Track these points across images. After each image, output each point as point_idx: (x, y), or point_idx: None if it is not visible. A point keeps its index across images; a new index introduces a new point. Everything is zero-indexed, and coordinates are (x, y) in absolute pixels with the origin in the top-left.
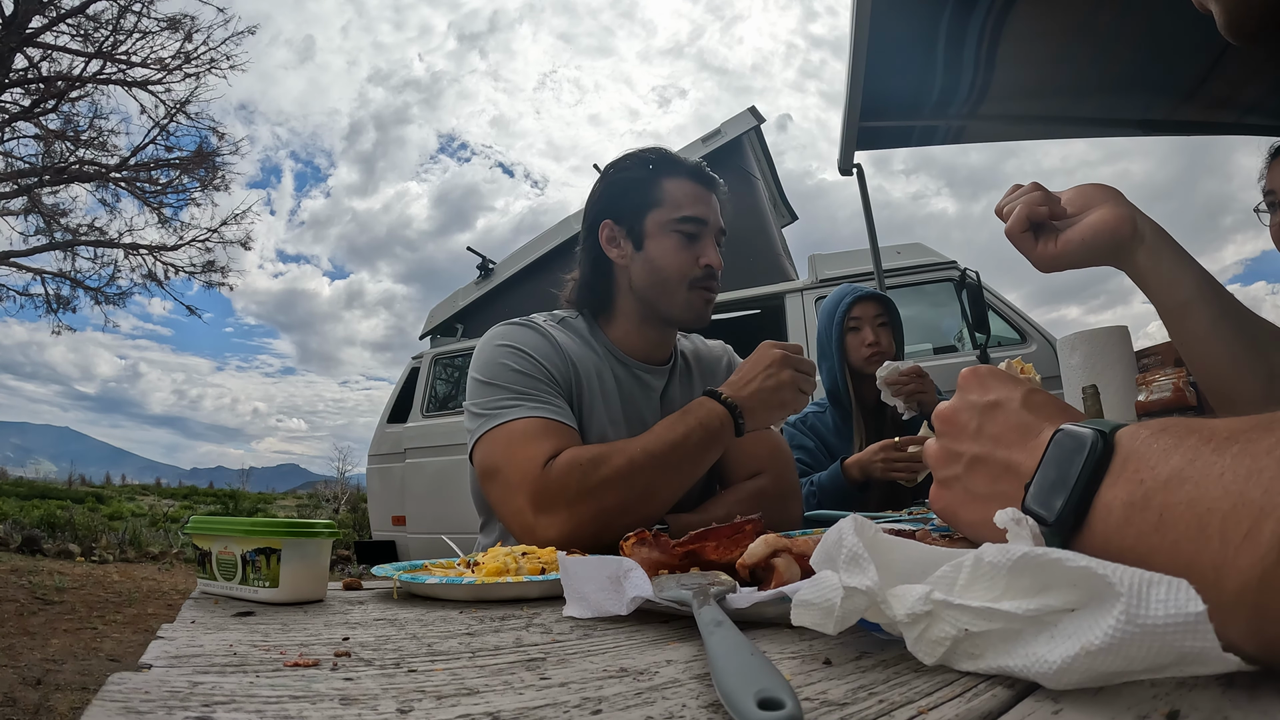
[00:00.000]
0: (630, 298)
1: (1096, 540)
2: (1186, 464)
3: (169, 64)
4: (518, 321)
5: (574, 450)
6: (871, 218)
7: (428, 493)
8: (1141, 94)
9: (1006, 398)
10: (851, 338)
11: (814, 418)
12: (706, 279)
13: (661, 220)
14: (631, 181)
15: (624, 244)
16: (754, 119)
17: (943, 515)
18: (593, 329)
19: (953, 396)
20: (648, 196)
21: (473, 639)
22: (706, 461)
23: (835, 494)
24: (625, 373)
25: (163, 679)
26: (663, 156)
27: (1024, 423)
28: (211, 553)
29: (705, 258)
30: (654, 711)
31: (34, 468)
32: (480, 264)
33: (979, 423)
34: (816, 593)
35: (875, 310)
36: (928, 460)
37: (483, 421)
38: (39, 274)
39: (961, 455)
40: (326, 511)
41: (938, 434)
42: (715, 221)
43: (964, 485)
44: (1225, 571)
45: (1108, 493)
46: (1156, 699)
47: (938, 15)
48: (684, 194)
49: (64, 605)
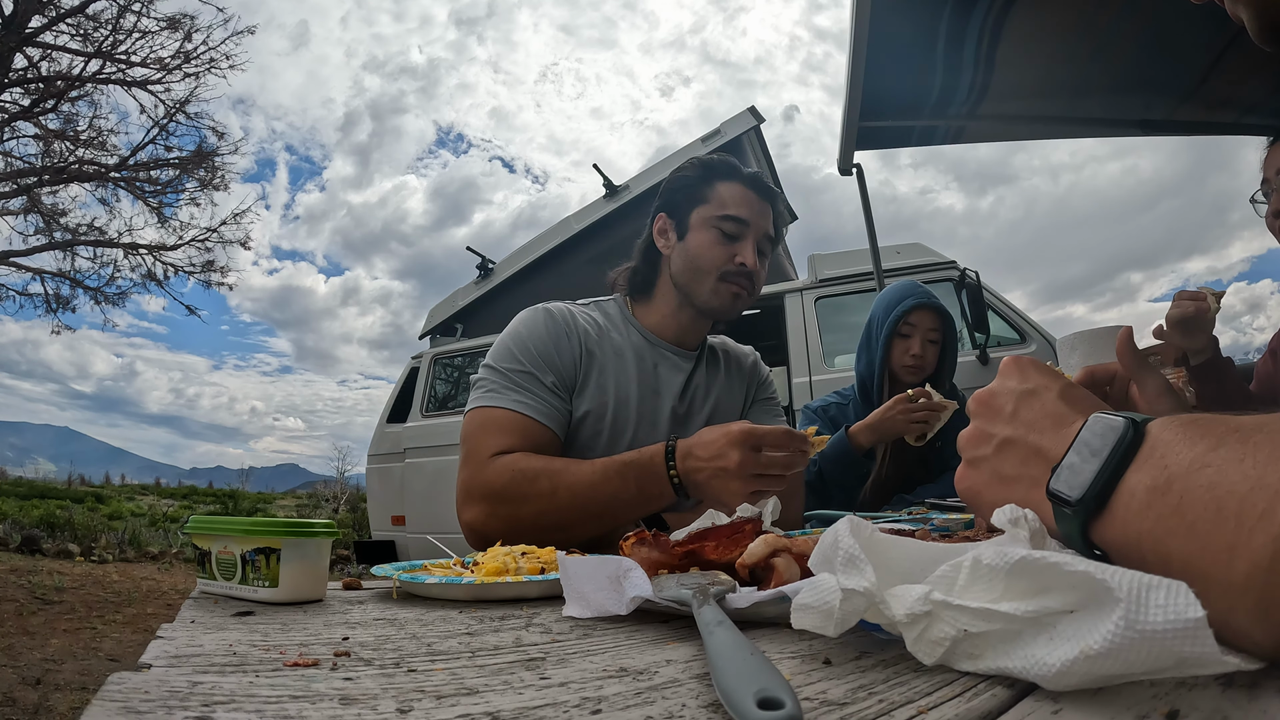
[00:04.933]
0: (668, 285)
1: (1116, 524)
2: (1209, 451)
3: (169, 64)
4: (541, 306)
5: (520, 456)
6: (871, 218)
7: (427, 493)
8: (1142, 94)
9: (1045, 386)
10: (899, 343)
11: (835, 409)
12: (739, 275)
13: (706, 216)
14: (689, 180)
15: (671, 235)
16: (754, 119)
17: (965, 495)
18: (624, 313)
19: (992, 381)
20: (699, 194)
21: (472, 639)
22: (630, 516)
23: (839, 462)
24: (652, 352)
25: (162, 679)
26: (724, 162)
27: (1059, 412)
28: (211, 552)
29: (741, 256)
30: (654, 711)
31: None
32: (480, 264)
33: (1014, 407)
34: (815, 595)
35: (931, 323)
36: (959, 442)
37: (475, 397)
38: (38, 273)
39: (994, 437)
40: (326, 511)
41: (972, 415)
42: (761, 226)
43: (992, 466)
44: (1238, 551)
45: (1132, 477)
46: (1156, 699)
47: (938, 15)
48: (731, 196)
49: (63, 605)
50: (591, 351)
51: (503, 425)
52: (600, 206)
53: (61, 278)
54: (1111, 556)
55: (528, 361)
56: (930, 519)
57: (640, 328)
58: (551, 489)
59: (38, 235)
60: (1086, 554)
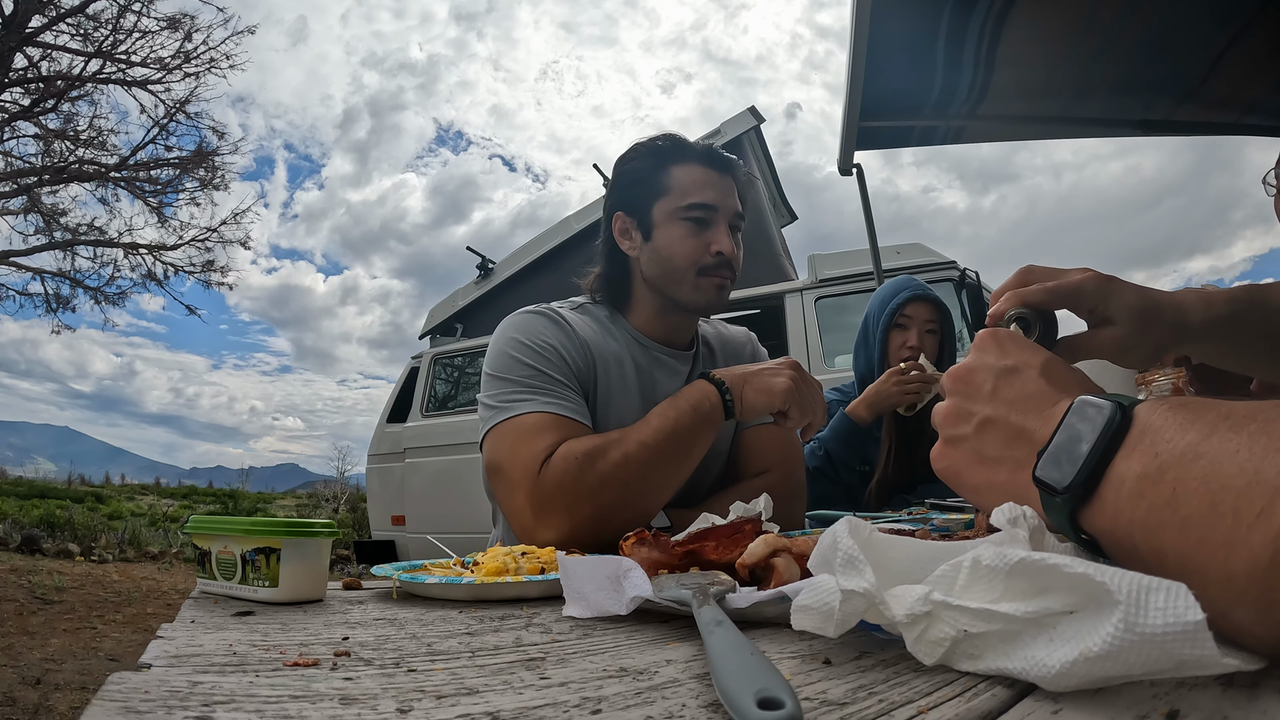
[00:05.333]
0: (645, 288)
1: (1106, 512)
2: (1202, 439)
3: (169, 63)
4: (532, 310)
5: (568, 445)
6: (871, 218)
7: (427, 493)
8: (1142, 94)
9: (1025, 363)
10: (896, 335)
11: (836, 406)
12: (719, 266)
13: (669, 209)
14: (640, 171)
15: (634, 235)
16: (753, 119)
17: (945, 475)
18: (613, 315)
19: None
20: (655, 186)
21: (472, 639)
22: (702, 447)
23: (843, 441)
24: (646, 357)
25: (162, 679)
26: (672, 143)
27: (1041, 390)
28: (211, 552)
29: (716, 244)
30: (654, 711)
31: (33, 467)
32: (480, 263)
33: (994, 385)
34: (814, 597)
35: (928, 315)
36: (935, 418)
37: (491, 415)
38: (38, 273)
39: (973, 415)
40: (326, 511)
41: (949, 392)
42: (729, 206)
43: (972, 446)
44: (1236, 550)
45: (1121, 464)
46: (1156, 699)
47: (938, 14)
48: (692, 181)
49: (63, 605)
50: (596, 358)
51: (542, 428)
52: (600, 206)
53: (61, 277)
54: (1102, 544)
55: (542, 365)
56: (930, 519)
57: (631, 330)
58: (623, 455)
59: (38, 235)
60: (1075, 540)
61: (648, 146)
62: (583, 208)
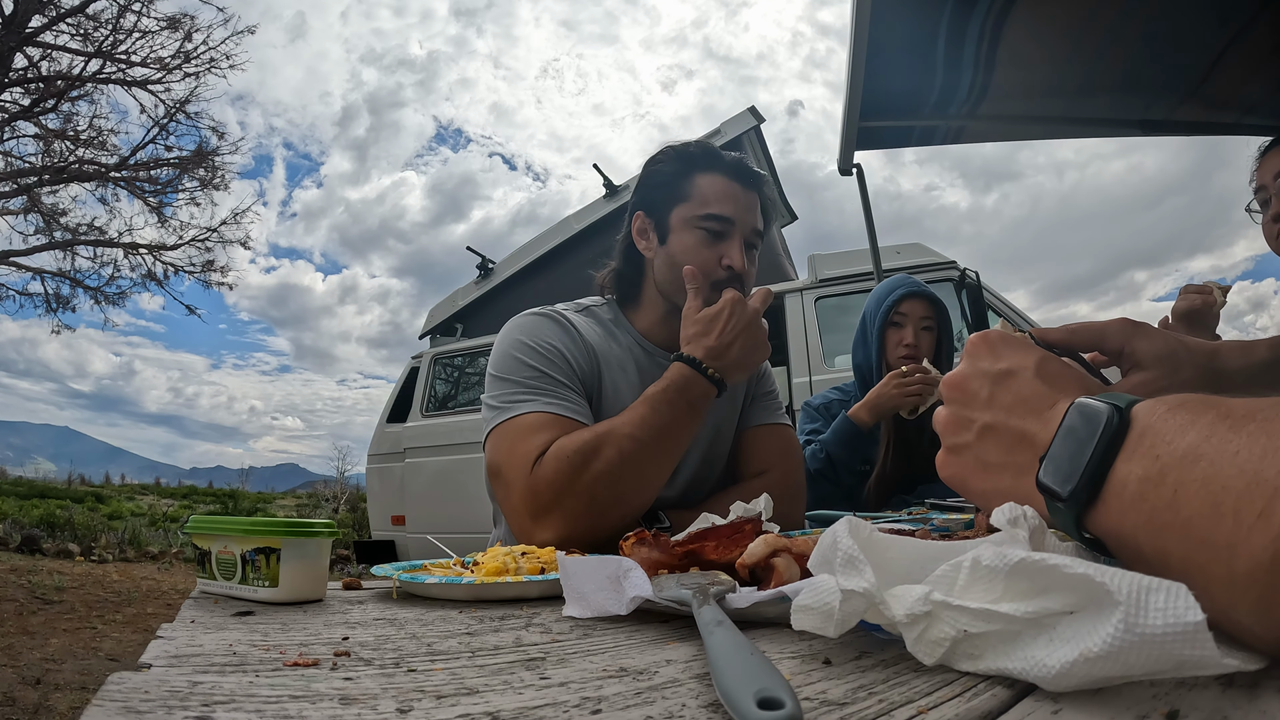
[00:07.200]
0: (654, 290)
1: (1111, 516)
2: (1202, 440)
3: (169, 63)
4: (537, 312)
5: (560, 443)
6: (871, 218)
7: (427, 493)
8: (1142, 94)
9: (1020, 366)
10: (892, 333)
11: (837, 405)
12: (729, 281)
13: (687, 215)
14: (665, 174)
15: (651, 236)
16: (754, 119)
17: (951, 482)
18: (618, 318)
19: (960, 362)
20: (678, 190)
21: (472, 639)
22: (693, 433)
23: (845, 444)
24: (649, 361)
25: (162, 679)
26: (703, 151)
27: (1038, 392)
28: (211, 552)
29: (728, 258)
30: (654, 711)
31: (33, 467)
32: (480, 263)
33: (991, 391)
34: (814, 597)
35: (923, 311)
36: (936, 426)
37: (493, 415)
38: (38, 273)
39: (973, 423)
40: (326, 511)
41: (946, 400)
42: (747, 223)
43: (975, 454)
44: (1237, 550)
45: (1123, 468)
46: (1156, 699)
47: (938, 14)
48: (714, 191)
49: (63, 605)
50: (600, 361)
51: (539, 428)
52: (600, 206)
53: (61, 277)
54: (1107, 545)
55: (545, 366)
56: (930, 519)
57: (635, 334)
58: (617, 452)
59: (38, 235)
60: (1080, 540)
61: (678, 150)
62: (583, 208)
